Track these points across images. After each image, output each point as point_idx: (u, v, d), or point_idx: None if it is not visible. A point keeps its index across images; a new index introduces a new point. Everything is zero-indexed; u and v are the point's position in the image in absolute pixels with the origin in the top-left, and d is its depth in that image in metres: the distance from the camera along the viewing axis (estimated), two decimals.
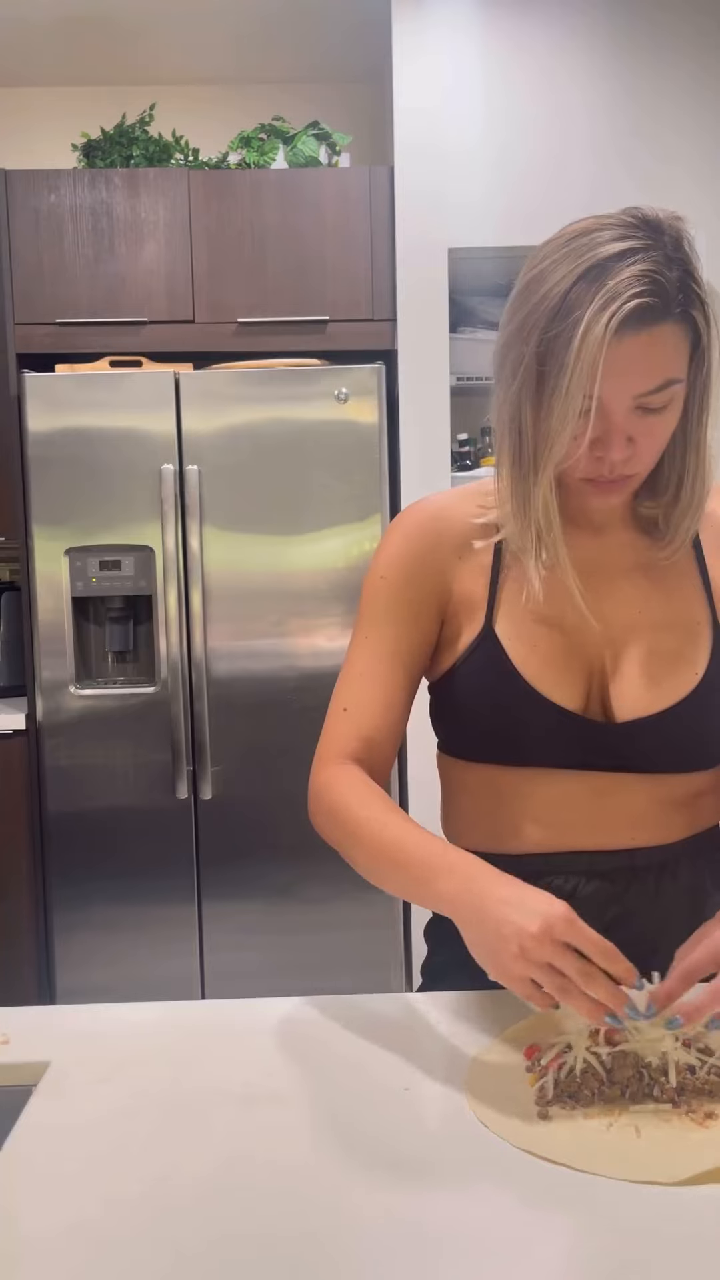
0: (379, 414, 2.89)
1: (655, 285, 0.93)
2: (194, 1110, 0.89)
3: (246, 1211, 0.76)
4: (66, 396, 2.86)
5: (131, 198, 2.98)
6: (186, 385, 2.87)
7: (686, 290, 0.96)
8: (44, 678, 2.91)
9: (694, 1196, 0.77)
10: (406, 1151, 0.83)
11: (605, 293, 0.93)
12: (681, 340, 0.97)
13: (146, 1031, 1.04)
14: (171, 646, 2.90)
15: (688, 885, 1.14)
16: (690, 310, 0.96)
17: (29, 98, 3.51)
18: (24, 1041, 1.01)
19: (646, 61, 2.96)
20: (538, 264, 0.99)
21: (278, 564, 2.90)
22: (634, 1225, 0.74)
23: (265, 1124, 0.87)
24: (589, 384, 0.94)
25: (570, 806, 1.11)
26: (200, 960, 2.98)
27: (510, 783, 1.13)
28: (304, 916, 2.95)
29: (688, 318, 0.96)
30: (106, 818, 2.94)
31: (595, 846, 1.12)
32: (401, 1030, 1.03)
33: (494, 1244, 0.72)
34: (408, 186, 2.97)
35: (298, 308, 3.01)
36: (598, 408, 0.96)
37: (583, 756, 1.10)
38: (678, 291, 0.95)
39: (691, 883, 1.14)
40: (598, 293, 0.93)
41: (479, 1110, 0.88)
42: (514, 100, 2.96)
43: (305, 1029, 1.03)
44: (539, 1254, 0.71)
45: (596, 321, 0.93)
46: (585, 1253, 0.71)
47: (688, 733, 1.10)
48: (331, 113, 3.43)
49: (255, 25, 3.17)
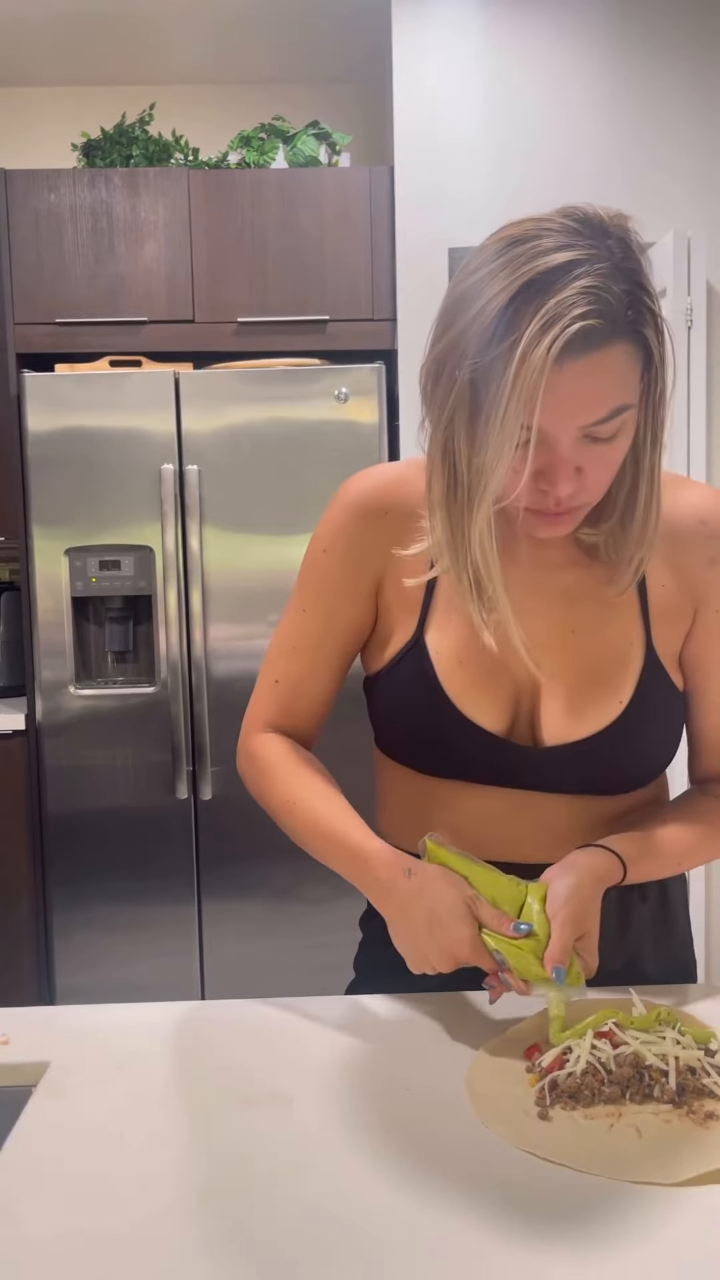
0: (379, 414, 2.89)
1: (601, 303, 0.83)
2: (194, 1110, 0.89)
3: (246, 1211, 0.76)
4: (66, 396, 2.86)
5: (131, 197, 2.98)
6: (186, 385, 2.87)
7: (637, 305, 0.86)
8: (44, 678, 2.91)
9: (694, 1197, 0.77)
10: (407, 1152, 0.83)
11: (545, 313, 0.82)
12: (631, 361, 0.87)
13: (146, 1031, 1.03)
14: (171, 647, 2.90)
15: (615, 897, 1.08)
16: (641, 328, 0.87)
17: (29, 98, 3.51)
18: (24, 1041, 1.01)
19: (647, 58, 2.96)
20: (471, 273, 0.89)
21: (278, 564, 2.90)
22: (634, 1226, 0.74)
23: (265, 1124, 0.87)
24: (527, 415, 0.85)
25: (493, 821, 1.09)
26: (200, 960, 2.98)
27: (434, 791, 1.11)
28: (304, 916, 2.95)
29: (638, 336, 0.87)
30: (106, 818, 2.94)
31: (519, 859, 1.07)
32: (401, 1030, 1.03)
33: (494, 1244, 0.72)
34: (408, 186, 2.97)
35: (298, 307, 3.01)
36: (538, 439, 0.88)
37: (503, 776, 1.08)
38: (626, 308, 0.85)
39: (617, 898, 1.10)
40: (537, 312, 0.83)
41: (480, 1111, 0.88)
42: (514, 99, 2.96)
43: (305, 1029, 1.03)
44: (539, 1255, 0.71)
45: (535, 346, 0.82)
46: (585, 1253, 0.71)
47: (608, 760, 1.06)
48: (331, 112, 3.43)
49: (255, 25, 3.17)
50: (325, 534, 1.12)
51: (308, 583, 1.13)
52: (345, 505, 1.10)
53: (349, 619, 1.11)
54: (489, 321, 0.85)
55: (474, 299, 0.87)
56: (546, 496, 0.93)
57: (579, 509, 0.96)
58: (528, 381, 0.84)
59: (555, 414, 0.86)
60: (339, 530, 1.10)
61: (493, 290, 0.86)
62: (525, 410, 0.85)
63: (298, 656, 1.13)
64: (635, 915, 1.14)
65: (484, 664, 1.05)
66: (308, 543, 1.14)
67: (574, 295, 0.83)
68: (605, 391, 0.87)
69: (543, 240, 0.85)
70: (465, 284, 0.89)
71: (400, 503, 1.07)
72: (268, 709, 1.15)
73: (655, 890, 1.16)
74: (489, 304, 0.86)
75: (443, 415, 0.92)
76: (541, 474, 0.91)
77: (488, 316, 0.85)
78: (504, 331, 0.84)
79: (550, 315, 0.83)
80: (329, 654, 1.13)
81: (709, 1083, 0.87)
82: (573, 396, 0.86)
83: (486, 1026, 1.02)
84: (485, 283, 0.86)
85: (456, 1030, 1.02)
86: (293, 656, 1.13)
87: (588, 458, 0.91)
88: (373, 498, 1.09)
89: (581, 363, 0.84)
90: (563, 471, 0.90)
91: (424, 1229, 0.74)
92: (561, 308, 0.83)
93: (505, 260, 0.86)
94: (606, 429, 0.89)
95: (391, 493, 1.08)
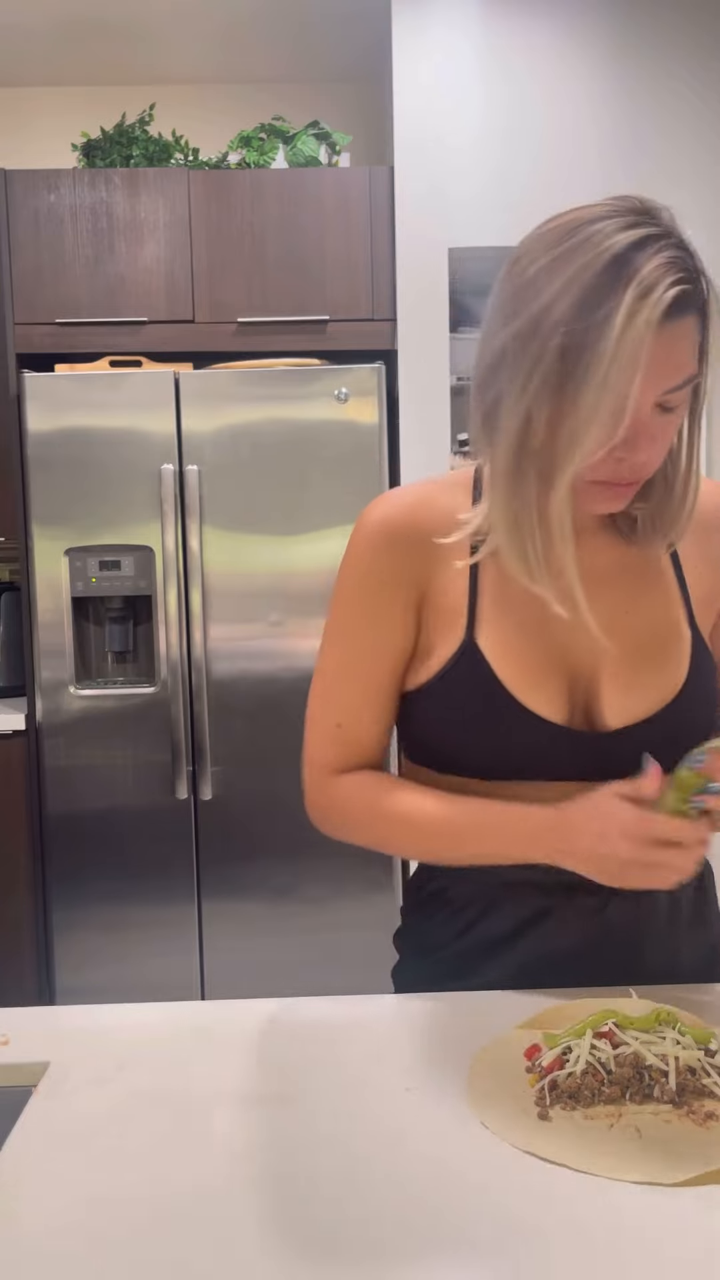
0: (379, 414, 2.89)
1: (686, 272, 0.89)
2: (194, 1110, 0.89)
3: (246, 1212, 0.76)
4: (66, 396, 2.86)
5: (131, 197, 2.98)
6: (186, 385, 2.87)
7: (704, 279, 0.92)
8: (44, 678, 2.91)
9: (694, 1197, 0.77)
10: (407, 1152, 0.83)
11: (640, 281, 0.87)
12: (697, 333, 0.92)
13: (146, 1031, 1.03)
14: (171, 647, 2.90)
15: (666, 895, 1.11)
16: (706, 300, 0.92)
17: (29, 98, 3.51)
18: (24, 1041, 1.01)
19: (647, 58, 2.96)
20: (535, 259, 0.92)
21: (278, 564, 2.90)
22: (634, 1226, 0.74)
23: (265, 1124, 0.87)
24: (628, 379, 0.88)
25: None
26: (200, 960, 2.98)
27: (491, 794, 1.08)
28: (304, 916, 2.95)
29: (704, 308, 0.92)
30: (106, 818, 2.94)
31: None
32: (401, 1030, 1.03)
33: (494, 1244, 0.72)
34: (408, 186, 2.97)
35: (298, 307, 3.01)
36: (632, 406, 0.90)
37: (569, 769, 1.07)
38: (702, 280, 0.91)
39: (669, 892, 1.11)
40: (630, 280, 0.87)
41: (480, 1111, 0.88)
42: (514, 98, 2.96)
43: (305, 1029, 1.03)
44: (539, 1255, 0.71)
45: (638, 311, 0.86)
46: (585, 1253, 0.71)
47: (672, 737, 1.06)
48: (331, 113, 3.43)
49: (255, 25, 3.17)
50: (356, 567, 1.10)
51: (347, 618, 1.11)
52: (371, 535, 1.09)
53: (397, 644, 1.09)
54: (577, 297, 0.88)
55: (551, 278, 0.90)
56: (621, 465, 0.95)
57: (641, 481, 0.99)
58: (631, 346, 0.87)
59: (646, 380, 0.89)
60: (370, 562, 1.09)
61: (572, 269, 0.89)
62: (627, 375, 0.88)
63: (352, 692, 1.10)
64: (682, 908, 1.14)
65: (540, 656, 1.06)
66: (338, 571, 1.12)
67: (663, 264, 0.88)
68: (684, 359, 0.91)
69: (610, 221, 0.90)
70: (530, 270, 0.92)
71: (426, 523, 1.07)
72: (331, 752, 1.11)
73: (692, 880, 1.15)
74: (571, 282, 0.88)
75: (524, 392, 0.92)
76: (625, 442, 0.93)
77: (575, 292, 0.88)
78: (597, 303, 0.87)
79: (647, 283, 0.87)
80: (383, 684, 1.10)
81: (709, 1083, 0.87)
82: (664, 362, 0.90)
83: (486, 1026, 1.02)
84: (557, 266, 0.90)
85: (456, 1030, 1.02)
86: (346, 694, 1.11)
87: (658, 427, 0.94)
88: (397, 522, 1.09)
89: (672, 329, 0.89)
90: (643, 438, 0.93)
91: (424, 1229, 0.74)
92: (655, 275, 0.87)
93: (578, 242, 0.90)
94: (677, 397, 0.93)
95: (418, 514, 1.08)
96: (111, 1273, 0.70)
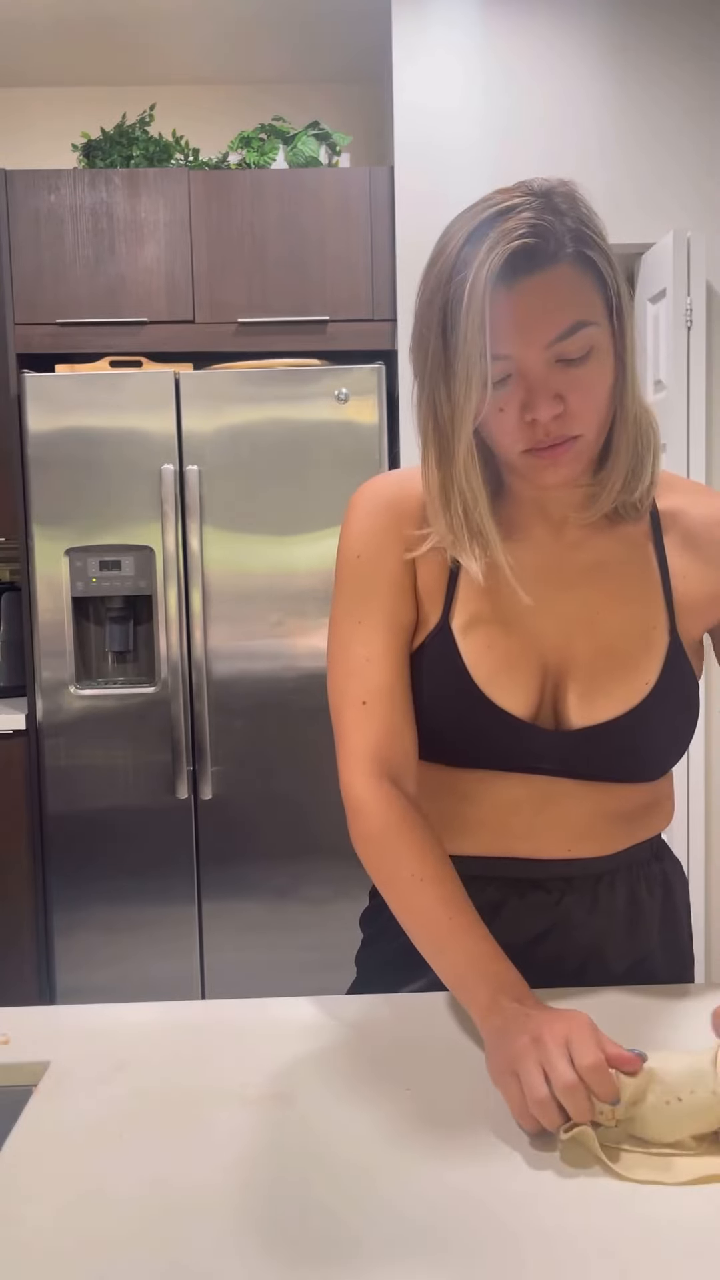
0: (379, 414, 2.89)
1: (537, 229, 0.90)
2: (194, 1110, 0.89)
3: (246, 1212, 0.76)
4: (66, 396, 2.86)
5: (131, 198, 2.98)
6: (186, 385, 2.87)
7: (579, 235, 0.92)
8: (44, 678, 2.91)
9: (694, 1196, 0.77)
10: (407, 1151, 0.83)
11: (488, 243, 0.90)
12: (582, 281, 0.93)
13: (146, 1031, 1.03)
14: (171, 647, 2.90)
15: (625, 896, 1.13)
16: (586, 251, 0.93)
17: (29, 98, 3.51)
18: (24, 1041, 1.01)
19: (647, 58, 2.96)
20: (440, 242, 0.97)
21: (278, 564, 2.90)
22: (634, 1225, 0.74)
23: (265, 1124, 0.87)
24: (481, 336, 0.90)
25: (513, 811, 1.09)
26: (200, 960, 2.98)
27: (456, 782, 1.11)
28: (304, 916, 2.95)
29: (584, 259, 0.93)
30: (106, 818, 2.95)
31: (534, 855, 1.10)
32: (401, 1030, 1.03)
33: (495, 1244, 0.72)
34: (408, 186, 2.97)
35: (298, 308, 3.01)
36: (515, 369, 0.93)
37: (528, 762, 1.08)
38: (566, 234, 0.92)
39: (629, 894, 1.13)
40: (481, 246, 0.90)
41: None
42: (514, 99, 2.96)
43: (305, 1029, 1.03)
44: (540, 1254, 0.71)
45: (480, 271, 0.90)
46: (585, 1253, 0.71)
47: (631, 744, 1.07)
48: (331, 113, 3.43)
49: (255, 25, 3.17)
50: (353, 540, 1.11)
51: (352, 594, 1.10)
52: (365, 505, 1.11)
53: (406, 613, 1.09)
54: (447, 269, 0.94)
55: (437, 259, 0.96)
56: (535, 427, 0.95)
57: (574, 441, 0.97)
58: (477, 304, 0.90)
59: (518, 336, 0.91)
60: (367, 531, 1.10)
61: (451, 246, 0.94)
62: (480, 331, 0.90)
63: (375, 668, 1.07)
64: (646, 910, 1.15)
65: (510, 649, 1.06)
66: (336, 560, 1.12)
67: (512, 227, 0.91)
68: (558, 306, 0.92)
69: (494, 197, 0.94)
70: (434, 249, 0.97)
71: (414, 495, 1.08)
72: (366, 735, 1.06)
73: (660, 882, 1.17)
74: (447, 257, 0.94)
75: (424, 373, 0.97)
76: (526, 404, 0.94)
77: (447, 266, 0.94)
78: (459, 270, 0.92)
79: (491, 244, 0.90)
80: (397, 653, 1.08)
81: None
82: (529, 315, 0.91)
83: None
84: (446, 244, 0.95)
85: (456, 1030, 1.02)
86: (369, 670, 1.07)
87: (565, 383, 0.94)
88: (388, 493, 1.11)
89: (528, 281, 0.91)
90: (542, 396, 0.93)
91: (424, 1228, 0.74)
92: (505, 236, 0.90)
93: (460, 220, 0.95)
94: (573, 346, 0.93)
95: (406, 487, 1.09)
96: (111, 1273, 0.71)
